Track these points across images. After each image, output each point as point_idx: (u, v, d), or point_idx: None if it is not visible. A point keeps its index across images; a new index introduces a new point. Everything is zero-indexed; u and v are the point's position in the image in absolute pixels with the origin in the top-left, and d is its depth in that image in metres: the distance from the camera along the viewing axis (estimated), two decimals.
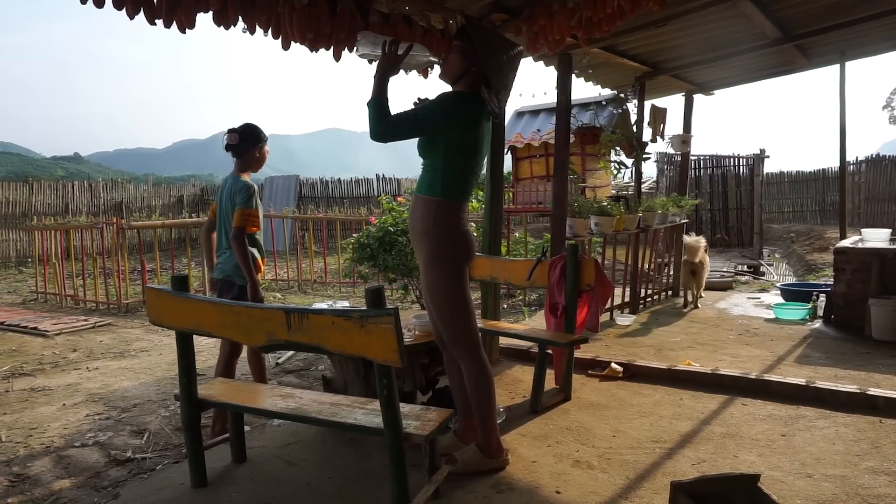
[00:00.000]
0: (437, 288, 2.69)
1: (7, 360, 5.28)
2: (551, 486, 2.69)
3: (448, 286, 2.67)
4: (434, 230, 2.65)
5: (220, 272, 3.54)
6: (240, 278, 3.45)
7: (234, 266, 3.45)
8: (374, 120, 2.56)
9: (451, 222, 2.66)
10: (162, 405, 3.98)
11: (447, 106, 2.63)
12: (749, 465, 2.81)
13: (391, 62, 2.65)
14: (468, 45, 2.66)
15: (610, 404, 3.67)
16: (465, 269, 2.73)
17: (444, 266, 2.66)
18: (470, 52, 2.66)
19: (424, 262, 2.70)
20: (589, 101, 8.47)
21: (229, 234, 3.43)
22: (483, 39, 2.68)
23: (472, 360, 2.73)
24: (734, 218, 13.25)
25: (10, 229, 14.21)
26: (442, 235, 2.66)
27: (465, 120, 2.63)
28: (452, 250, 2.67)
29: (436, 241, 2.66)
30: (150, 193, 18.08)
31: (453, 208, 2.67)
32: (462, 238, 2.70)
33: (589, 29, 3.80)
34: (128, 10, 2.73)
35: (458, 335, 2.71)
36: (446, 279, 2.67)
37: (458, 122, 2.61)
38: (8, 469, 3.06)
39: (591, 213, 5.46)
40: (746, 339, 5.12)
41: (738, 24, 4.96)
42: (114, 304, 7.79)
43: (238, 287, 3.46)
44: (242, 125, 3.55)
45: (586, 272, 3.69)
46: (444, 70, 2.77)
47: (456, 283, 2.68)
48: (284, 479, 2.82)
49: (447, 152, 2.62)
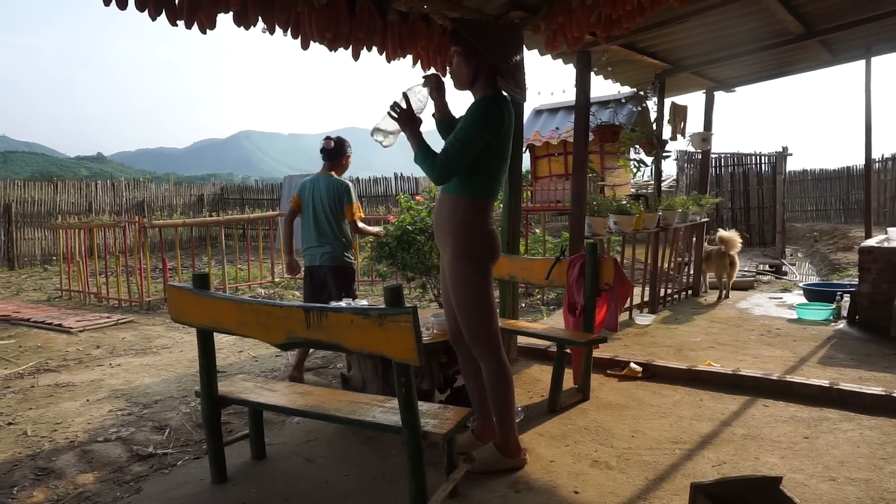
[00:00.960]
0: (462, 286, 2.68)
1: (33, 357, 5.38)
2: (569, 485, 2.67)
3: (474, 285, 2.67)
4: (462, 229, 2.64)
5: (332, 259, 4.20)
6: (346, 261, 4.24)
7: (337, 254, 4.21)
8: (428, 169, 2.58)
9: (479, 221, 2.66)
10: (183, 401, 4.03)
11: (489, 118, 2.56)
12: (771, 468, 2.77)
13: (408, 118, 2.62)
14: (467, 46, 2.62)
15: (629, 404, 3.64)
16: (490, 267, 2.73)
17: (472, 264, 2.66)
18: (472, 52, 2.62)
19: (450, 259, 2.69)
20: (608, 98, 8.42)
21: (329, 224, 4.19)
22: (478, 33, 2.63)
23: (493, 359, 2.72)
24: (756, 217, 13.07)
25: (35, 228, 14.48)
26: (469, 234, 2.65)
27: (505, 124, 2.61)
28: (479, 249, 2.67)
29: (462, 240, 2.65)
30: (171, 192, 18.33)
31: (482, 208, 2.67)
32: (489, 237, 2.70)
33: (608, 26, 3.77)
34: (150, 11, 2.77)
35: (480, 334, 2.71)
36: (473, 277, 2.66)
37: (500, 129, 2.59)
38: (33, 463, 3.12)
39: (611, 212, 5.42)
40: (768, 340, 5.04)
41: (761, 20, 4.89)
42: (136, 301, 7.90)
43: (346, 268, 4.27)
44: (337, 136, 4.36)
45: (605, 271, 3.67)
46: (456, 79, 2.72)
47: (482, 282, 2.68)
48: (303, 476, 2.84)
49: (478, 155, 2.59)
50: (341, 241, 4.24)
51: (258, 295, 8.41)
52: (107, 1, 2.66)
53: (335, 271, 4.21)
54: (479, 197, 2.65)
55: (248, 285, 9.07)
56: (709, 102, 7.08)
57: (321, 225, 4.21)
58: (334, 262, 4.20)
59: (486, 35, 2.65)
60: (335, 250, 4.20)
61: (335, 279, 4.21)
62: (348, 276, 4.29)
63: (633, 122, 7.76)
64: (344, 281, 4.27)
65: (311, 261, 4.26)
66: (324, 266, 4.21)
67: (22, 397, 4.23)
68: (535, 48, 4.59)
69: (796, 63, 6.39)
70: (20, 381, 4.65)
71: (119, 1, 2.68)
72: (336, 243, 4.21)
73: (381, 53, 3.61)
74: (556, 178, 9.92)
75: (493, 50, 2.60)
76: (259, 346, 5.35)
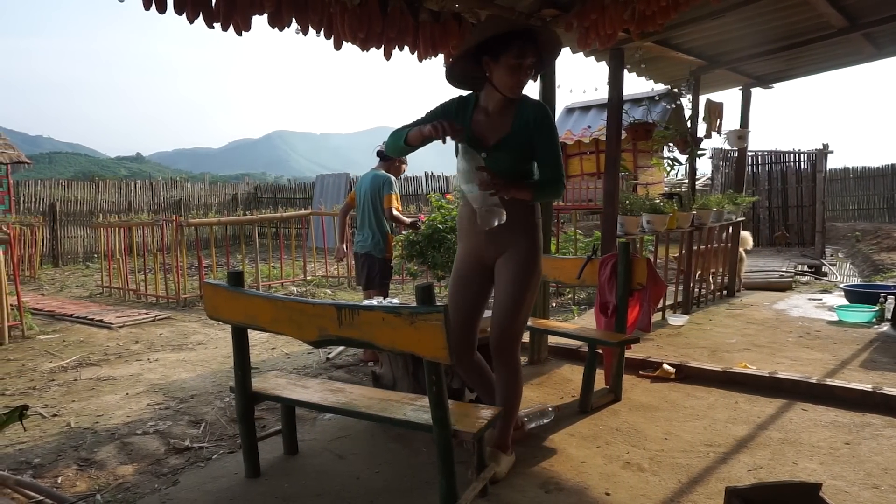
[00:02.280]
0: (529, 285, 2.72)
1: (76, 351, 5.56)
2: (601, 487, 2.65)
3: (535, 285, 2.77)
4: (534, 230, 2.76)
5: (361, 247, 4.71)
6: (377, 252, 4.65)
7: (372, 243, 4.65)
8: (555, 194, 2.72)
9: (540, 222, 2.80)
10: (217, 397, 4.12)
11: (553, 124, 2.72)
12: (810, 474, 2.70)
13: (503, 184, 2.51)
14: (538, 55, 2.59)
15: (661, 406, 3.59)
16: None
17: (539, 265, 2.76)
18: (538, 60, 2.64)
19: (524, 258, 2.71)
20: (641, 96, 8.29)
21: (368, 214, 4.65)
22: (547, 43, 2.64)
23: (516, 360, 2.78)
24: (794, 216, 12.73)
25: (78, 226, 14.93)
26: (539, 234, 2.78)
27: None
28: (542, 249, 2.81)
29: (535, 239, 2.76)
30: (206, 192, 18.70)
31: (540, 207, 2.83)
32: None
33: (642, 23, 3.72)
34: (188, 14, 2.83)
35: (517, 334, 2.76)
36: (538, 277, 2.78)
37: None
38: (76, 454, 3.22)
39: (644, 211, 5.34)
40: (807, 342, 4.92)
41: (801, 14, 4.77)
42: (172, 298, 8.09)
43: (376, 259, 4.66)
44: None
45: (638, 271, 3.62)
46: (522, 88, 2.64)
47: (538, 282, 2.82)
48: (335, 473, 2.87)
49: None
50: (376, 232, 4.67)
51: (290, 293, 8.53)
52: (147, 5, 2.73)
53: (367, 259, 4.70)
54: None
55: (281, 283, 9.21)
56: (745, 99, 6.93)
57: (362, 216, 4.72)
58: (363, 251, 4.70)
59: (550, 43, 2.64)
60: (366, 240, 4.69)
61: (367, 267, 4.73)
62: (373, 264, 4.68)
63: (666, 119, 7.64)
64: (370, 269, 4.72)
65: (355, 248, 4.84)
66: (359, 254, 4.75)
67: (66, 390, 4.37)
68: (567, 46, 4.55)
69: (838, 58, 6.21)
70: (64, 374, 4.80)
71: (158, 5, 2.75)
72: (369, 234, 4.67)
73: (413, 53, 3.63)
74: (587, 177, 9.82)
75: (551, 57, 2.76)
76: (291, 344, 5.42)
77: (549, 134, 2.63)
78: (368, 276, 4.77)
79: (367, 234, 4.71)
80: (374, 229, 4.70)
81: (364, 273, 4.80)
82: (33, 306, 7.55)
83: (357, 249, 4.78)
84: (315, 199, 16.65)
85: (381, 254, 4.67)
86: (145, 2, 2.72)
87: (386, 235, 4.71)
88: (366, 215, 4.70)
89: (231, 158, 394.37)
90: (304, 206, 16.60)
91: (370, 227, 4.69)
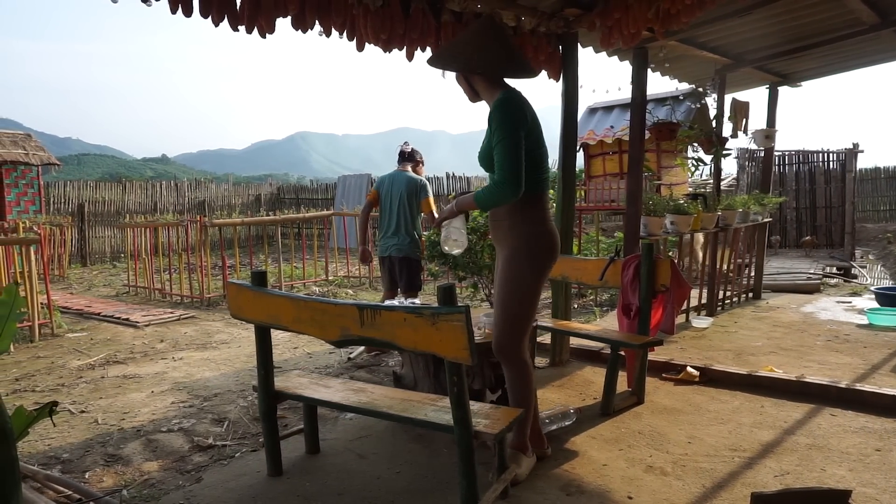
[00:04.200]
0: (512, 286, 2.68)
1: (103, 349, 5.66)
2: (623, 490, 2.62)
3: (527, 286, 2.68)
4: (522, 225, 2.66)
5: (398, 251, 4.69)
6: (415, 254, 4.70)
7: (410, 246, 4.69)
8: (498, 196, 2.54)
9: (536, 216, 2.67)
10: (240, 395, 4.16)
11: (513, 115, 2.54)
12: (838, 480, 2.64)
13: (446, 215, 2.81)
14: (450, 68, 2.75)
15: (685, 409, 3.54)
16: (547, 271, 2.73)
17: (530, 264, 2.67)
18: (459, 74, 2.73)
19: (508, 256, 2.69)
20: (665, 95, 8.19)
21: (403, 217, 4.67)
22: (445, 60, 2.75)
23: (516, 364, 2.72)
24: (823, 217, 12.48)
25: (105, 226, 15.21)
26: (529, 230, 2.67)
27: (528, 111, 2.59)
28: (537, 247, 2.67)
29: (523, 236, 2.67)
30: (230, 192, 18.91)
31: (537, 200, 2.66)
32: (548, 235, 2.69)
33: (667, 21, 3.68)
34: (213, 18, 2.86)
35: (511, 339, 2.69)
36: (529, 277, 2.67)
37: (526, 118, 2.56)
38: (104, 450, 3.28)
39: (667, 212, 5.28)
40: (836, 346, 4.81)
41: (831, 10, 4.67)
42: (197, 297, 8.19)
43: (414, 261, 4.72)
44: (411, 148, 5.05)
45: (661, 272, 3.58)
46: (470, 98, 2.78)
47: (534, 284, 2.69)
48: (356, 472, 2.88)
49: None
50: (412, 234, 4.73)
51: (313, 293, 8.59)
52: (173, 9, 2.77)
53: (402, 262, 4.71)
54: (531, 190, 2.60)
55: (304, 283, 9.28)
56: (772, 98, 6.81)
57: (395, 218, 4.71)
58: (401, 254, 4.69)
59: (451, 55, 2.73)
60: (401, 242, 4.70)
61: (401, 270, 4.72)
62: (413, 266, 4.73)
63: (691, 119, 7.54)
64: (409, 271, 4.73)
65: (383, 252, 4.80)
66: (393, 257, 4.73)
67: (93, 387, 4.46)
68: (590, 45, 4.52)
69: (869, 55, 6.07)
70: (91, 371, 4.90)
71: (184, 8, 2.79)
72: (405, 236, 4.71)
73: None
74: (610, 178, 9.73)
75: (464, 63, 2.66)
76: (313, 343, 5.46)
77: (496, 131, 2.53)
78: (410, 280, 4.70)
79: (403, 237, 4.68)
80: (411, 232, 4.70)
81: (404, 276, 4.71)
82: (62, 305, 7.72)
83: (392, 252, 4.72)
84: (337, 199, 16.75)
85: (417, 254, 4.76)
86: (172, 5, 2.76)
87: (420, 237, 4.80)
88: (401, 218, 4.67)
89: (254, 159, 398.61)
90: (326, 207, 16.71)
91: (406, 231, 4.68)
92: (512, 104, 2.55)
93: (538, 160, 2.64)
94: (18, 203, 14.01)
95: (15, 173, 13.94)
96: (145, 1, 2.77)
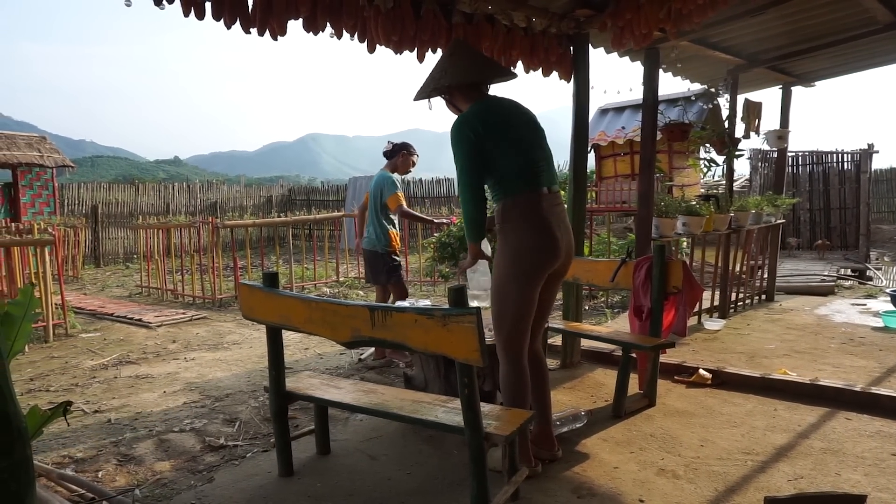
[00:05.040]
0: (493, 280, 2.76)
1: (115, 349, 5.71)
2: (634, 493, 2.61)
3: (503, 279, 2.73)
4: (503, 223, 2.74)
5: (368, 243, 4.96)
6: (380, 247, 4.85)
7: (375, 239, 4.87)
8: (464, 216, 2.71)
9: (514, 216, 2.69)
10: (252, 396, 4.18)
11: (457, 139, 2.66)
12: (853, 485, 2.61)
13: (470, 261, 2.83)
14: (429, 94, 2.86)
15: (697, 412, 3.52)
16: (531, 267, 2.68)
17: (506, 258, 2.71)
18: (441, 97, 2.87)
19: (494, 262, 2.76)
20: (676, 96, 8.15)
21: (372, 213, 4.88)
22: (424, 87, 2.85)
23: (505, 363, 2.76)
24: (837, 218, 12.34)
25: (118, 228, 15.35)
26: (508, 228, 2.72)
27: (472, 132, 2.63)
28: (515, 243, 2.70)
29: (503, 234, 2.74)
30: (241, 194, 19.02)
31: (514, 203, 2.68)
32: (529, 232, 2.67)
33: (679, 21, 3.66)
34: (225, 20, 2.88)
35: (497, 332, 2.76)
36: (505, 271, 2.73)
37: (471, 139, 2.62)
38: (116, 449, 3.30)
39: (679, 213, 5.25)
40: (850, 349, 4.76)
41: (845, 9, 4.63)
42: (208, 298, 8.24)
43: (379, 254, 4.86)
44: (401, 142, 5.10)
45: (673, 274, 3.56)
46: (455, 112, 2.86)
47: (510, 277, 2.71)
48: (366, 473, 2.88)
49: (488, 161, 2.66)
50: (377, 229, 4.91)
51: (323, 294, 8.62)
52: (186, 12, 2.78)
53: (369, 255, 4.98)
54: (504, 194, 2.68)
55: (314, 284, 9.31)
56: (785, 98, 6.76)
57: (368, 214, 4.98)
58: (369, 247, 4.95)
59: (426, 83, 2.84)
60: (370, 235, 4.95)
61: (368, 261, 5.03)
62: (377, 259, 4.91)
63: (703, 119, 7.50)
64: (373, 264, 4.95)
65: (363, 245, 5.09)
66: (365, 250, 5.02)
67: (106, 387, 4.49)
68: (601, 46, 4.51)
69: (884, 54, 6.00)
70: (105, 371, 4.94)
71: (197, 11, 2.80)
72: (372, 230, 4.92)
73: None
74: (621, 179, 9.68)
75: (436, 83, 2.79)
76: (324, 344, 5.48)
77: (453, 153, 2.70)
78: (374, 271, 4.99)
79: (370, 230, 4.96)
80: (376, 225, 4.92)
81: (369, 268, 5.05)
82: (76, 305, 7.79)
83: (364, 245, 5.05)
84: (348, 200, 16.79)
85: (384, 248, 4.88)
86: (185, 8, 2.78)
87: (387, 231, 4.91)
88: (371, 213, 4.96)
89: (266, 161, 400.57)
90: (336, 208, 16.77)
91: (372, 224, 4.94)
92: (457, 128, 2.65)
93: (511, 165, 2.65)
94: (33, 204, 14.17)
95: (30, 175, 14.10)
96: (158, 4, 2.78)
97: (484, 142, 2.62)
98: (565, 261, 2.78)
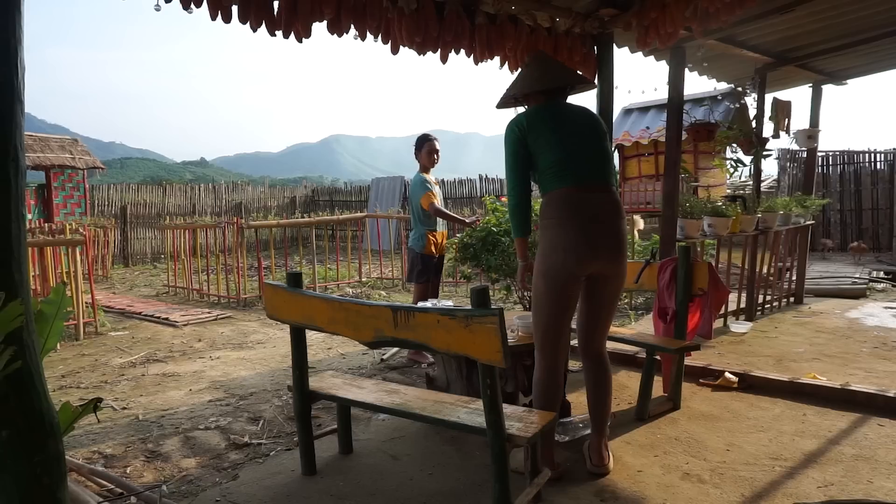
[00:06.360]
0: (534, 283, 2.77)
1: (143, 347, 5.81)
2: (658, 497, 2.57)
3: (535, 278, 2.78)
4: (539, 219, 2.79)
5: (409, 242, 5.24)
6: (417, 248, 5.07)
7: (413, 239, 5.13)
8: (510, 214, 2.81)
9: (546, 213, 2.71)
10: (275, 395, 4.22)
11: (506, 140, 2.78)
12: (886, 493, 2.55)
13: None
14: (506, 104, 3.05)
15: (723, 416, 3.46)
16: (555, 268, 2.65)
17: (540, 257, 2.74)
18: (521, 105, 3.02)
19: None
20: (702, 95, 8.03)
21: (412, 213, 5.13)
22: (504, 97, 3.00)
23: (536, 361, 2.79)
24: (869, 219, 12.06)
25: (146, 228, 15.64)
26: (541, 225, 2.75)
27: (516, 133, 2.71)
28: (545, 241, 2.73)
29: (539, 231, 2.80)
30: (266, 195, 19.24)
31: (548, 200, 2.71)
32: (556, 229, 2.66)
33: (705, 20, 3.61)
34: (251, 23, 2.92)
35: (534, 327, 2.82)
36: (538, 269, 2.77)
37: (516, 140, 2.71)
38: (144, 446, 3.36)
39: (705, 214, 5.18)
40: (883, 353, 4.64)
41: (878, 5, 4.51)
42: (233, 298, 8.35)
43: (416, 254, 5.07)
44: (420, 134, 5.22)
45: (699, 276, 3.51)
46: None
47: (539, 276, 2.76)
48: (388, 473, 2.89)
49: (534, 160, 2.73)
50: (415, 231, 5.15)
51: (346, 294, 8.67)
52: (213, 15, 2.82)
53: (409, 254, 5.26)
54: (545, 191, 2.72)
55: (337, 284, 9.38)
56: (815, 97, 6.63)
57: (412, 216, 5.19)
58: (410, 246, 5.21)
59: (505, 92, 2.99)
60: (411, 237, 5.22)
61: (410, 261, 5.25)
62: (412, 257, 5.14)
63: (730, 119, 7.38)
64: (410, 264, 5.21)
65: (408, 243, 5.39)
66: (408, 248, 5.32)
67: (134, 384, 4.58)
68: (626, 45, 4.46)
69: None
70: (133, 369, 5.03)
71: (224, 15, 2.84)
72: (413, 232, 5.18)
73: (469, 56, 3.62)
74: (646, 179, 9.58)
75: (511, 93, 2.94)
76: (347, 344, 5.51)
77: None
78: (409, 270, 5.29)
79: (413, 231, 5.20)
80: (415, 227, 5.15)
81: (408, 267, 5.35)
82: (105, 304, 7.96)
83: (409, 244, 5.32)
84: (370, 201, 16.88)
85: (420, 249, 5.06)
86: (212, 12, 2.82)
87: (423, 233, 5.07)
88: (411, 215, 5.21)
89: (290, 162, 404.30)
90: (359, 209, 16.86)
91: (413, 225, 5.18)
92: (509, 129, 2.75)
93: (548, 162, 2.68)
94: (65, 205, 14.51)
95: (62, 177, 14.44)
96: (186, 8, 2.83)
97: (526, 136, 2.69)
98: (608, 263, 2.65)
